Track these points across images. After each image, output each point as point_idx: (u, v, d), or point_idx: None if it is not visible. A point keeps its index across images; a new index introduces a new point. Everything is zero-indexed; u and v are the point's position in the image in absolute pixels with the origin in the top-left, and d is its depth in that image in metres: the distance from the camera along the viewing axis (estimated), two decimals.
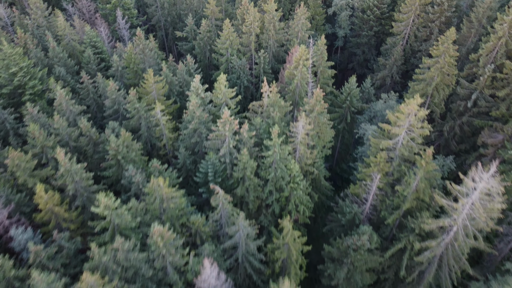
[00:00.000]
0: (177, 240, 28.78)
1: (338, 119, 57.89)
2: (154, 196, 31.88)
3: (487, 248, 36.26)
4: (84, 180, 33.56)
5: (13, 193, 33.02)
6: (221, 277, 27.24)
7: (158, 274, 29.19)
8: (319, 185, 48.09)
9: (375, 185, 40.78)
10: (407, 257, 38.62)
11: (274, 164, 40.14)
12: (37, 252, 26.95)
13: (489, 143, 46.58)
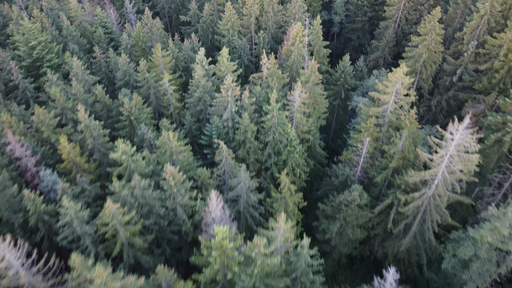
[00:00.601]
0: (186, 182, 32.45)
1: (333, 96, 61.57)
2: (164, 148, 35.55)
3: (465, 200, 40.01)
4: (101, 137, 37.24)
5: (38, 146, 36.67)
6: (226, 211, 30.88)
7: (169, 214, 32.87)
8: (314, 152, 51.75)
9: (365, 148, 44.49)
10: (394, 212, 42.29)
11: (272, 128, 43.83)
12: (64, 189, 30.54)
13: (471, 112, 50.27)
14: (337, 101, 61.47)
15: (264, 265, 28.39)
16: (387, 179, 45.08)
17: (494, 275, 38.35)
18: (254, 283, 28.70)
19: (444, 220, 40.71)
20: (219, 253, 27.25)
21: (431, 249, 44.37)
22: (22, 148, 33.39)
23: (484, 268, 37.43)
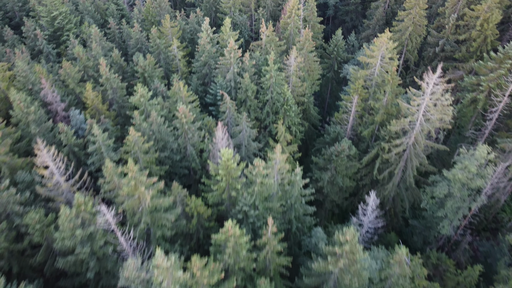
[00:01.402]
0: (196, 122, 37.51)
1: (327, 69, 66.68)
2: (175, 97, 40.62)
3: (441, 147, 45.12)
4: (119, 89, 42.28)
5: (65, 96, 41.66)
6: (231, 144, 35.89)
7: (181, 150, 37.90)
8: (309, 115, 56.83)
9: (354, 107, 49.60)
10: (379, 161, 47.37)
11: (270, 88, 48.88)
12: (92, 123, 35.46)
13: (451, 78, 55.44)
14: (331, 73, 66.53)
15: (263, 185, 33.45)
16: (374, 134, 50.22)
17: (466, 212, 43.27)
18: (254, 201, 33.74)
19: (422, 165, 45.76)
20: (225, 172, 32.29)
21: (412, 196, 49.41)
22: (53, 94, 38.36)
23: (457, 205, 42.40)
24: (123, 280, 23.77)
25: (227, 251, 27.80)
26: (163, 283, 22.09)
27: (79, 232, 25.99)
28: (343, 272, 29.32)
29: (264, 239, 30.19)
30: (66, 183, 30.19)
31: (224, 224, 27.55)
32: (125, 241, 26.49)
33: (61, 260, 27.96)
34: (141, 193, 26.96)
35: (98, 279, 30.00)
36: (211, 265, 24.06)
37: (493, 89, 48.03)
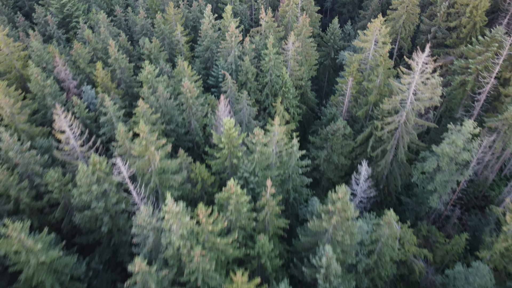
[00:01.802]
0: (200, 98, 40.08)
1: (324, 57, 69.26)
2: (180, 76, 43.20)
3: (431, 124, 47.65)
4: (127, 70, 44.89)
5: (76, 75, 44.24)
6: (232, 116, 38.44)
7: (186, 124, 40.49)
8: (306, 99, 59.42)
9: (349, 89, 52.20)
10: (373, 139, 49.95)
11: (270, 71, 51.48)
12: (103, 98, 37.97)
13: (442, 63, 58.04)
14: (328, 61, 69.10)
15: (262, 154, 36.01)
16: (368, 114, 52.83)
17: (455, 186, 45.78)
18: (254, 169, 36.32)
19: (413, 142, 48.35)
20: (227, 140, 34.87)
21: (404, 173, 51.99)
22: (66, 71, 40.90)
23: (445, 179, 44.92)
24: (135, 227, 26.32)
25: (229, 208, 30.35)
26: (173, 226, 24.65)
27: (94, 187, 28.54)
28: (336, 229, 31.90)
29: (263, 200, 32.71)
30: (80, 147, 32.77)
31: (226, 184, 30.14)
32: (137, 195, 29.03)
33: (78, 215, 30.48)
34: (151, 153, 29.50)
35: (110, 236, 32.52)
36: (215, 215, 26.62)
37: (481, 71, 50.61)
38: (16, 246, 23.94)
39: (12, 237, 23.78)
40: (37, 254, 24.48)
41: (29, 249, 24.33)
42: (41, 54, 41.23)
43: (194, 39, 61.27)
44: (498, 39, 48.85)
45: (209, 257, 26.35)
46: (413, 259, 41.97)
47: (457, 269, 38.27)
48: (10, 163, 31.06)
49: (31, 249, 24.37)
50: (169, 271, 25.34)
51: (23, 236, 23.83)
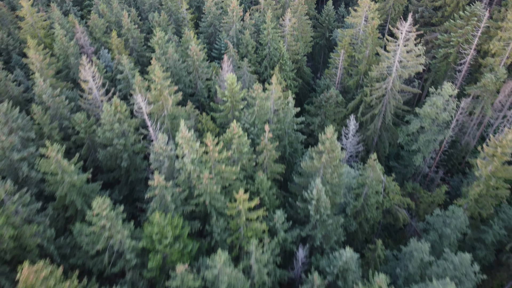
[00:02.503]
0: (205, 61, 44.60)
1: (320, 37, 73.79)
2: (187, 44, 47.72)
3: (414, 90, 52.24)
4: (138, 39, 49.44)
5: (92, 43, 48.78)
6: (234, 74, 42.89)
7: (192, 86, 45.02)
8: (302, 73, 63.96)
9: (341, 61, 56.73)
10: (362, 106, 54.52)
11: (268, 44, 56.04)
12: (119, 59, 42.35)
13: (428, 39, 62.63)
14: (323, 41, 73.64)
15: (261, 109, 40.52)
16: (358, 84, 57.38)
17: (437, 146, 50.31)
18: (254, 120, 40.87)
19: (399, 108, 52.89)
20: (230, 94, 39.42)
21: (392, 137, 56.53)
22: (84, 38, 45.42)
23: (427, 138, 49.44)
24: (152, 154, 30.80)
25: (232, 147, 34.90)
26: (185, 151, 29.15)
27: (116, 126, 32.94)
28: (325, 168, 36.46)
29: (262, 144, 37.25)
30: (101, 97, 37.29)
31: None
32: (153, 131, 33.51)
33: (101, 152, 34.88)
34: (165, 98, 33.99)
35: (128, 175, 36.90)
36: (221, 144, 31.14)
37: (462, 44, 55.20)
38: (53, 166, 28.32)
39: (50, 157, 28.18)
40: (70, 174, 28.89)
41: (64, 169, 28.70)
42: (61, 22, 45.76)
43: (198, 17, 65.82)
44: (477, 13, 53.41)
45: (216, 180, 30.90)
46: (397, 208, 46.50)
47: (436, 213, 42.71)
48: (43, 106, 35.52)
49: (66, 169, 28.75)
50: (181, 189, 29.82)
51: (59, 156, 28.23)
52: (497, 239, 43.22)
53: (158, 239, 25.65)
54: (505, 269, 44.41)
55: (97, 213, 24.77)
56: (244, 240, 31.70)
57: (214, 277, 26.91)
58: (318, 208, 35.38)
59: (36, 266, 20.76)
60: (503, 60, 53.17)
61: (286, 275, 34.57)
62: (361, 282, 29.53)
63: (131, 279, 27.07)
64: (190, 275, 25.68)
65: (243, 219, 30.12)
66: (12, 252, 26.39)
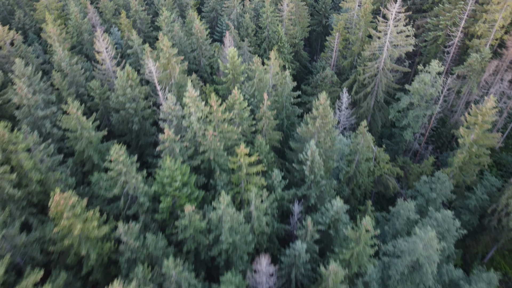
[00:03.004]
0: (208, 39, 47.89)
1: (317, 24, 77.09)
2: (191, 25, 51.00)
3: (405, 69, 55.54)
4: (145, 21, 52.74)
5: (103, 24, 52.04)
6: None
7: (196, 63, 48.31)
8: (299, 57, 67.24)
9: (337, 43, 60.03)
10: (356, 85, 57.81)
11: (267, 27, 59.33)
12: (128, 35, 45.66)
13: (419, 24, 65.94)
14: (320, 28, 76.92)
15: (260, 82, 43.79)
16: (352, 65, 60.66)
17: (425, 121, 53.55)
18: (253, 92, 44.15)
19: (390, 86, 56.17)
20: (231, 67, 42.69)
21: (384, 116, 59.81)
22: (96, 18, 48.68)
23: (416, 113, 52.68)
24: (162, 114, 34.07)
25: (234, 112, 38.16)
26: (191, 109, 32.41)
27: (128, 91, 36.13)
28: (319, 132, 39.74)
29: (261, 111, 40.51)
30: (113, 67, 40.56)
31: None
32: (162, 95, 36.73)
33: (114, 116, 38.11)
34: (172, 67, 37.25)
35: (138, 140, 40.09)
36: (224, 105, 34.40)
37: (449, 26, 58.50)
38: (73, 122, 31.50)
39: (71, 114, 31.39)
40: (88, 130, 32.09)
41: (82, 126, 31.89)
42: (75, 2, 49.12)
43: (200, 3, 69.14)
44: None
45: (219, 138, 34.18)
46: (387, 177, 49.77)
47: (423, 180, 45.95)
48: (62, 73, 38.72)
49: (84, 126, 31.94)
50: (188, 145, 33.07)
51: (79, 113, 31.43)
52: (480, 204, 46.47)
53: (168, 182, 28.85)
54: (488, 232, 47.59)
55: (114, 158, 27.99)
56: (245, 194, 34.96)
57: (218, 219, 30.19)
58: (312, 168, 38.59)
59: (66, 193, 23.94)
60: (488, 42, 56.51)
61: (283, 228, 37.81)
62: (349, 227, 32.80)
63: (144, 221, 30.28)
64: (196, 215, 28.94)
65: (244, 172, 33.37)
66: (38, 196, 29.57)
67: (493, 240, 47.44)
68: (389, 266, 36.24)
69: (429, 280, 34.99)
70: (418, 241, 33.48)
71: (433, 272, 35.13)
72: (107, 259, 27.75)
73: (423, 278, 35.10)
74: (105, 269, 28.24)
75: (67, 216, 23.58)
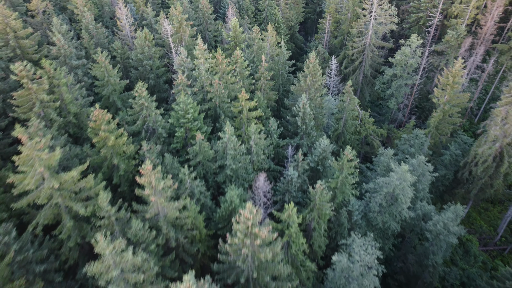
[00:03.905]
0: (212, 14, 54.18)
1: (311, 13, 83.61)
2: (197, 3, 57.36)
3: (389, 45, 61.83)
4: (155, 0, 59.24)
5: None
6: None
7: (202, 35, 54.58)
8: (295, 39, 73.59)
9: (328, 24, 66.40)
10: (346, 61, 64.05)
11: (265, 9, 65.74)
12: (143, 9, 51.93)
13: (404, 9, 72.39)
14: (314, 16, 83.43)
15: (259, 49, 49.99)
16: (343, 44, 66.98)
17: (408, 90, 59.67)
18: (253, 58, 50.35)
19: (375, 61, 62.43)
20: (234, 35, 48.92)
21: (372, 90, 65.97)
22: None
23: (399, 83, 58.82)
24: (175, 66, 40.11)
25: (237, 70, 44.26)
26: (200, 61, 38.49)
27: (146, 49, 42.20)
28: (309, 88, 45.84)
29: (260, 72, 46.60)
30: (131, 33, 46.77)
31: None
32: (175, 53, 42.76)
33: (133, 72, 44.14)
34: (183, 29, 43.37)
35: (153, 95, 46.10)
36: (228, 59, 40.53)
37: (430, 8, 64.93)
38: (102, 69, 37.52)
39: (100, 62, 37.40)
40: (114, 78, 38.10)
41: (109, 73, 37.92)
42: None
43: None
44: None
45: (224, 86, 40.25)
46: (372, 137, 55.73)
47: (403, 137, 51.93)
48: (90, 34, 44.85)
49: (110, 74, 37.95)
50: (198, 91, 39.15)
51: (107, 62, 37.45)
52: (453, 159, 52.40)
53: (182, 115, 34.76)
54: (462, 186, 53.47)
55: (138, 94, 33.94)
56: (245, 137, 40.93)
57: (224, 149, 36.14)
58: (304, 119, 44.60)
59: (104, 110, 29.78)
60: (464, 21, 62.92)
61: (278, 171, 43.74)
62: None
63: (161, 151, 36.11)
64: (206, 143, 34.91)
65: (245, 115, 39.39)
66: (73, 128, 35.43)
67: (466, 192, 53.22)
68: (370, 201, 42.10)
69: (404, 211, 40.70)
70: (394, 174, 39.32)
71: (407, 204, 40.91)
72: (131, 176, 33.60)
73: (399, 210, 40.88)
74: (130, 186, 34.03)
75: (103, 129, 29.42)
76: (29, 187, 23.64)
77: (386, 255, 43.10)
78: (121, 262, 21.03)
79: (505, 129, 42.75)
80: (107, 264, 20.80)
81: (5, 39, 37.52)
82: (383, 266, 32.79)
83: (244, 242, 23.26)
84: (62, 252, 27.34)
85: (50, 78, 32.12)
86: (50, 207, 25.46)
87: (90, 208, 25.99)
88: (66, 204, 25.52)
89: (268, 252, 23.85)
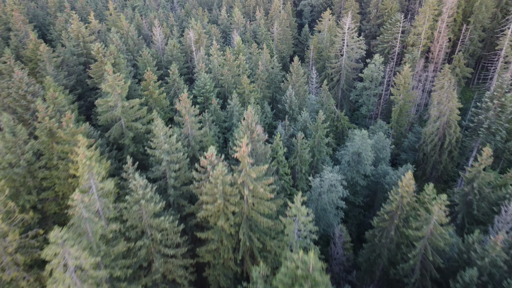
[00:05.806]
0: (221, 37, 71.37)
1: (300, 52, 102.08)
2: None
3: (359, 65, 78.48)
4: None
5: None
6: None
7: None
8: (286, 68, 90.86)
9: (312, 55, 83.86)
10: (327, 80, 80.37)
11: (262, 42, 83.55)
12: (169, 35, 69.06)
13: (373, 44, 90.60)
14: (302, 53, 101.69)
15: (257, 58, 66.36)
16: (324, 67, 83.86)
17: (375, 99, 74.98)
18: (252, 66, 66.53)
19: (350, 78, 78.68)
20: (237, 48, 65.53)
21: (349, 103, 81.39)
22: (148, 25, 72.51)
23: (368, 93, 74.33)
24: (196, 61, 55.64)
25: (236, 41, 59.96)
26: (213, 56, 54.08)
27: (174, 52, 58.30)
28: (294, 84, 61.19)
29: (258, 73, 62.30)
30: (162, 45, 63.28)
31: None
32: (195, 55, 58.57)
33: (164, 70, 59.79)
34: (201, 40, 59.65)
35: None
36: (230, 50, 56.21)
37: (392, 40, 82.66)
38: (144, 60, 53.09)
39: (143, 56, 52.96)
40: (152, 67, 53.61)
41: (149, 64, 53.45)
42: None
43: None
44: (398, 19, 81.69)
45: (230, 75, 55.55)
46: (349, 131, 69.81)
47: (370, 127, 66.12)
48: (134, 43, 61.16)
49: (150, 64, 53.49)
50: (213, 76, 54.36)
51: (149, 56, 53.16)
52: (411, 144, 66.18)
53: (202, 86, 49.50)
54: (420, 168, 66.61)
55: (172, 72, 49.09)
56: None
57: (231, 112, 50.44)
58: (290, 105, 59.36)
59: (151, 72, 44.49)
60: (419, 49, 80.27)
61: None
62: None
63: None
64: (218, 106, 49.33)
65: (247, 94, 54.19)
66: None
67: (423, 173, 66.16)
68: (340, 161, 55.30)
69: (367, 168, 53.73)
70: (357, 137, 53.04)
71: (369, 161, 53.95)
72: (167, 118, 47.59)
73: (363, 167, 53.94)
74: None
75: (152, 85, 44.04)
76: (111, 103, 37.63)
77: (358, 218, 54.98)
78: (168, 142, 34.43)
79: (441, 109, 57.19)
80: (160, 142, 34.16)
81: (77, 41, 53.80)
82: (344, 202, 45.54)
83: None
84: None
85: (115, 58, 47.61)
86: (119, 126, 39.20)
87: (144, 127, 39.79)
88: (127, 125, 39.34)
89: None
